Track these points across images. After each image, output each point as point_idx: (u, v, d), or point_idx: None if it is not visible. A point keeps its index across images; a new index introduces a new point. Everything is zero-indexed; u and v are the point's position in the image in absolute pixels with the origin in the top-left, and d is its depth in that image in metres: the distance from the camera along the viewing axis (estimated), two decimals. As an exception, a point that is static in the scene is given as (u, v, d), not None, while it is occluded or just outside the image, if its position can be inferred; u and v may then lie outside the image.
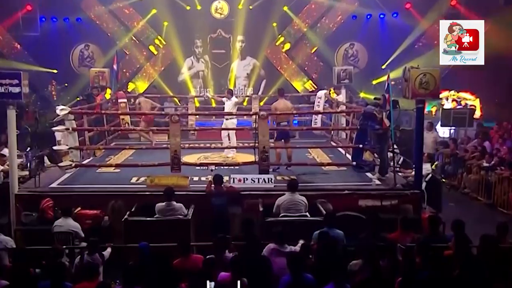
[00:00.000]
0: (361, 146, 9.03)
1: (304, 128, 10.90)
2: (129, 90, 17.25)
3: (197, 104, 15.01)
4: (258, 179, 8.36)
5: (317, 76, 18.24)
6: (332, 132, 12.58)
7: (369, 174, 9.15)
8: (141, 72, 18.20)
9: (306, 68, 18.43)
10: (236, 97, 11.74)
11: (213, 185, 7.89)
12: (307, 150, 11.16)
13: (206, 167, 9.01)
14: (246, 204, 7.95)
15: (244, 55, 18.39)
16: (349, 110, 11.37)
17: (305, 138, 12.52)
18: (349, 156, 10.06)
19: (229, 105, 10.95)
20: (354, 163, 9.16)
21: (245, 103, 16.80)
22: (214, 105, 15.88)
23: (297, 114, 12.24)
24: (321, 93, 13.07)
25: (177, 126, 8.61)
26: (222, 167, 9.17)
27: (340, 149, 11.36)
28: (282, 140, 9.59)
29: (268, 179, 8.38)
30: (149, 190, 8.26)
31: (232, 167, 9.35)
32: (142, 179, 8.87)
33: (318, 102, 12.93)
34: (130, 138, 13.32)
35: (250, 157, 9.34)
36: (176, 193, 7.53)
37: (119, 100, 12.75)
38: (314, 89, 17.60)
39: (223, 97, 11.43)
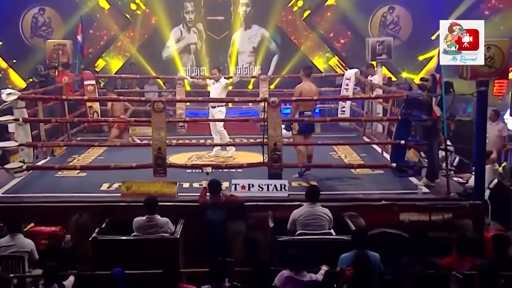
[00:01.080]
0: (403, 142, 9.01)
1: (327, 119, 10.87)
2: (97, 69, 17.34)
3: (188, 88, 15.05)
4: (268, 185, 8.37)
5: (344, 51, 18.24)
6: (365, 124, 12.57)
7: (413, 179, 9.13)
8: (114, 46, 18.29)
9: (331, 40, 18.43)
10: (227, 78, 11.73)
11: (208, 194, 7.89)
12: (331, 148, 11.16)
13: (200, 170, 9.02)
14: (251, 219, 7.97)
15: (249, 23, 18.43)
16: (388, 95, 11.36)
17: (329, 132, 12.53)
18: (388, 156, 10.04)
19: (217, 89, 10.93)
20: (394, 164, 9.14)
21: (250, 86, 16.85)
22: (209, 88, 15.91)
23: (319, 100, 12.21)
24: (350, 73, 13.06)
25: (162, 117, 8.62)
26: (220, 170, 9.17)
27: (375, 146, 11.36)
28: (303, 136, 9.60)
29: (281, 186, 8.39)
30: (125, 200, 8.28)
31: (234, 170, 9.37)
32: (115, 185, 8.91)
33: (347, 84, 12.91)
34: (100, 132, 13.36)
35: (256, 157, 9.33)
36: (160, 204, 7.54)
37: (86, 82, 12.80)
38: (341, 68, 17.60)
39: (204, 79, 11.43)
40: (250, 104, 13.97)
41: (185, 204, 8.12)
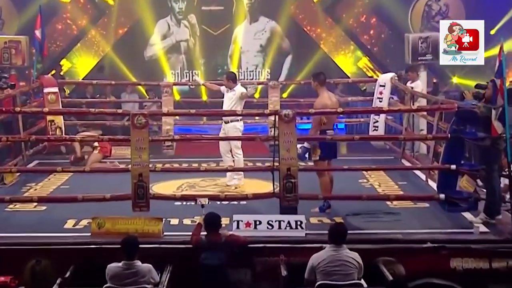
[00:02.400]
0: (454, 167, 9.00)
1: (356, 137, 10.86)
2: (62, 73, 17.46)
3: (178, 97, 15.11)
4: (279, 222, 8.38)
5: (377, 50, 18.33)
6: (404, 143, 12.59)
7: (468, 215, 9.12)
8: (82, 43, 18.42)
9: (360, 37, 18.53)
10: (244, 86, 11.81)
11: (204, 232, 7.90)
12: (361, 174, 11.20)
13: (193, 202, 9.04)
14: (258, 265, 7.98)
15: (256, 15, 18.58)
16: (434, 106, 11.37)
17: (357, 153, 12.57)
18: (434, 184, 10.03)
19: (230, 99, 11.02)
20: (443, 196, 9.12)
21: (257, 95, 16.91)
22: (205, 98, 15.96)
23: (343, 113, 12.26)
24: (385, 78, 13.12)
25: (144, 134, 8.66)
26: (218, 202, 9.18)
27: (418, 172, 11.38)
28: (327, 161, 9.61)
29: (296, 223, 8.39)
30: (96, 241, 8.29)
31: (236, 203, 9.39)
32: (83, 222, 8.93)
33: (380, 93, 12.98)
34: (64, 153, 13.42)
35: (264, 186, 9.36)
36: (141, 246, 7.54)
37: (46, 90, 12.89)
38: (373, 71, 17.65)
39: (221, 85, 11.52)
40: (256, 118, 14.02)
41: (173, 247, 8.11)
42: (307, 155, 9.43)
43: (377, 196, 10.08)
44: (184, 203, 9.44)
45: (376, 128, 12.85)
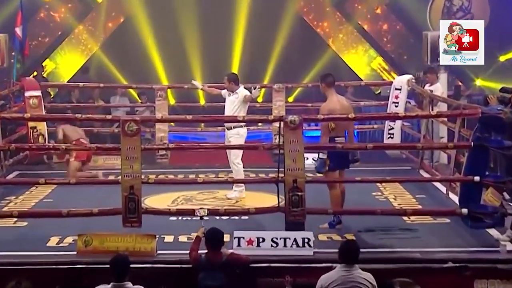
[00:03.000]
0: (477, 178, 8.99)
1: (369, 146, 10.84)
2: (45, 74, 17.49)
3: (173, 102, 15.13)
4: (285, 240, 8.39)
5: (393, 49, 18.36)
6: (423, 152, 12.60)
7: (493, 231, 9.12)
8: (68, 41, 18.45)
9: (373, 35, 18.56)
10: (248, 88, 11.78)
11: (203, 251, 7.89)
12: (375, 186, 11.25)
13: (190, 217, 9.04)
14: (262, 287, 8.00)
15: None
16: (455, 112, 11.37)
17: (371, 163, 12.56)
18: (456, 198, 10.03)
19: (233, 103, 11.03)
20: (465, 210, 9.12)
21: (259, 99, 16.89)
22: (203, 102, 15.97)
23: (355, 119, 12.22)
24: (401, 80, 13.14)
25: (135, 142, 8.67)
26: (217, 218, 9.19)
27: (437, 184, 11.42)
28: (338, 171, 9.61)
29: (303, 240, 8.40)
30: (82, 260, 8.29)
31: (237, 218, 9.42)
32: (68, 240, 8.94)
33: (396, 97, 13.01)
34: (47, 162, 13.43)
35: (268, 199, 9.40)
36: (132, 266, 7.53)
37: (28, 94, 12.92)
38: (388, 73, 17.67)
39: (221, 88, 11.53)
40: (259, 124, 14.04)
41: (167, 266, 8.11)
42: (325, 167, 9.40)
43: (392, 210, 10.07)
44: (180, 218, 9.47)
45: (392, 136, 12.86)
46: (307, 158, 9.49)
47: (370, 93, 17.05)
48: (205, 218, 8.55)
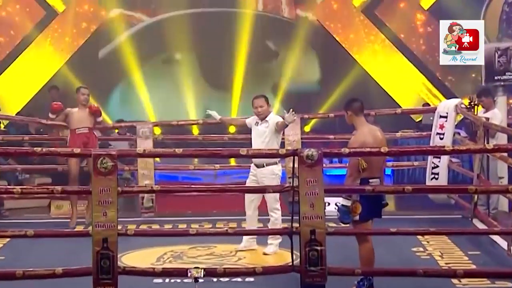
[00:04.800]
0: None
1: (408, 189, 10.78)
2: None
3: (158, 131, 15.16)
4: (300, 308, 8.37)
5: (437, 66, 18.39)
6: (477, 197, 12.57)
7: None
8: (25, 55, 18.52)
9: (410, 46, 18.62)
10: (289, 112, 11.64)
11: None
12: (415, 240, 11.20)
13: (180, 278, 9.04)
14: None
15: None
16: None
17: (410, 210, 12.59)
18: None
19: (263, 134, 11.02)
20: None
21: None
22: (196, 132, 16.00)
23: (390, 155, 12.20)
24: (448, 106, 13.12)
25: (110, 183, 8.66)
26: (215, 280, 9.16)
27: (496, 237, 11.34)
28: (370, 221, 9.55)
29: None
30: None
31: (240, 280, 9.42)
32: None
33: (441, 126, 12.97)
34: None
35: (280, 255, 9.57)
36: None
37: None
38: (432, 96, 17.70)
39: (246, 117, 11.55)
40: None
41: None
42: (348, 216, 9.31)
43: (438, 271, 9.98)
44: (168, 280, 9.44)
45: (436, 176, 12.82)
46: (329, 204, 9.47)
47: (409, 121, 17.04)
48: (200, 280, 8.55)
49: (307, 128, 16.12)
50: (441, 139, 12.92)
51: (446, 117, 13.01)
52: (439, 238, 11.23)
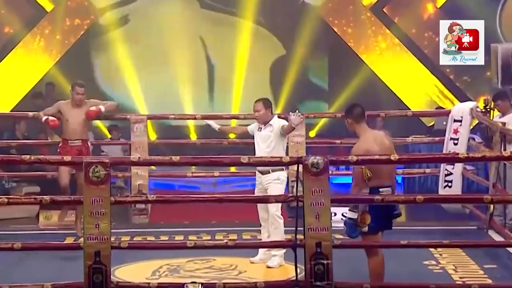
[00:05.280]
0: None
1: (420, 198, 10.75)
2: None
3: (154, 137, 15.15)
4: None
5: (452, 67, 18.40)
6: (493, 207, 12.55)
7: None
8: (11, 57, 18.54)
9: (423, 47, 18.62)
10: (294, 113, 11.54)
11: None
12: (428, 253, 11.18)
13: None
14: None
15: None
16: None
17: (421, 220, 12.60)
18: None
19: (268, 139, 10.99)
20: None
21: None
22: (194, 137, 15.99)
23: (400, 162, 12.11)
24: (463, 109, 13.10)
25: (103, 193, 8.64)
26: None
27: (513, 250, 11.35)
28: (380, 233, 9.52)
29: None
30: None
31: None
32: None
33: (455, 131, 12.95)
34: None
35: (283, 269, 9.59)
36: None
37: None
38: (445, 98, 17.71)
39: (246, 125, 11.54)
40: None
41: None
42: (356, 229, 9.24)
43: (452, 286, 10.03)
44: (164, 295, 9.42)
45: (450, 184, 12.80)
46: (335, 214, 9.45)
47: (419, 125, 17.02)
48: None
49: (312, 134, 16.08)
50: (455, 144, 12.89)
51: (460, 121, 12.98)
52: (452, 251, 11.21)
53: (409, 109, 17.49)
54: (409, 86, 18.56)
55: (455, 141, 12.93)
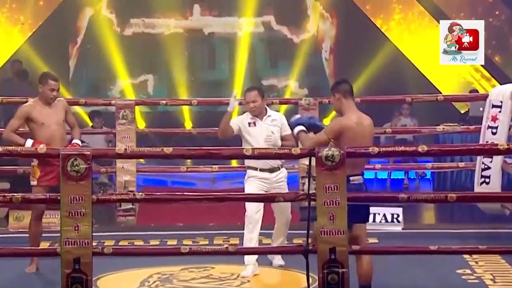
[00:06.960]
0: None
1: (451, 196, 10.78)
2: None
3: (143, 126, 15.17)
4: None
5: (493, 46, 18.43)
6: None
7: None
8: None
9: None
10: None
11: None
12: (461, 260, 11.21)
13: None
14: None
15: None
16: None
17: (453, 223, 12.64)
18: None
19: (264, 132, 11.10)
20: None
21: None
22: (189, 126, 16.03)
23: (433, 154, 12.14)
24: (503, 93, 13.11)
25: (84, 190, 8.66)
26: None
27: None
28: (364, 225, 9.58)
29: None
30: None
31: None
32: None
33: (494, 119, 12.96)
34: None
35: (293, 278, 9.59)
36: None
37: None
38: (484, 80, 17.72)
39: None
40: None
41: None
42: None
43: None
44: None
45: (487, 180, 12.79)
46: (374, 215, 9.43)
47: (452, 112, 17.04)
48: None
49: (326, 121, 16.08)
50: (494, 134, 12.86)
51: (500, 106, 12.94)
52: (490, 258, 11.26)
53: (440, 92, 17.50)
54: (439, 66, 18.55)
55: (494, 130, 12.90)
